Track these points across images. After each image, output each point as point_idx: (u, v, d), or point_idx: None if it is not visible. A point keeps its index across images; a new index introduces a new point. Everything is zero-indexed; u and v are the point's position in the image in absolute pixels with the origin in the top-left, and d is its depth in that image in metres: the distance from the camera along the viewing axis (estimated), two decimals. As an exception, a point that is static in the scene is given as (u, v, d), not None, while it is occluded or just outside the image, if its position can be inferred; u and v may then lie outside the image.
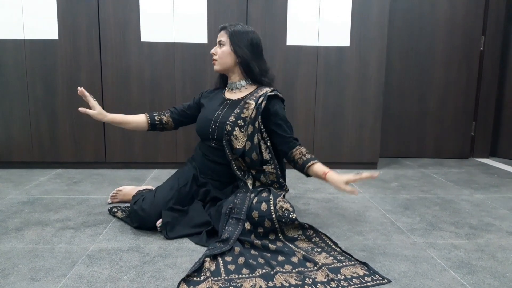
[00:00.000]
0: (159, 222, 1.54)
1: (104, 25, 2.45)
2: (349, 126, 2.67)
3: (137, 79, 2.52)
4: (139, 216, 1.55)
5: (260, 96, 1.63)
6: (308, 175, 1.62)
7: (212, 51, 1.70)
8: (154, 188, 1.85)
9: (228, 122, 1.61)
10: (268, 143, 1.63)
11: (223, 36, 1.68)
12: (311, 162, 1.58)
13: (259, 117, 1.59)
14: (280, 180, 1.66)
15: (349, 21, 2.55)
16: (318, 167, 1.56)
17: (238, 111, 1.64)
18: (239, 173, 1.65)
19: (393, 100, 3.09)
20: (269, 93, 1.63)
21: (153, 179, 2.38)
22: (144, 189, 1.85)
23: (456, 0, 2.99)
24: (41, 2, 2.41)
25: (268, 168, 1.63)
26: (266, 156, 1.62)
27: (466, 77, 3.09)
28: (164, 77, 2.53)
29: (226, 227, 1.46)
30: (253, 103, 1.62)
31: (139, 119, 1.79)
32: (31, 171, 2.52)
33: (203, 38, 2.50)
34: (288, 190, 1.69)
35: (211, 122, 1.66)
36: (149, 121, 1.79)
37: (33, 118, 2.52)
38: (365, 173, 1.42)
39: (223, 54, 1.67)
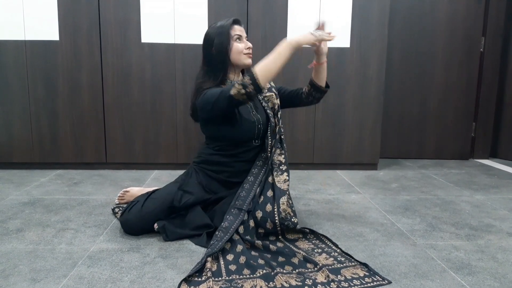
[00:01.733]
0: (156, 225, 1.54)
1: (105, 26, 2.46)
2: (350, 127, 2.67)
3: (137, 80, 2.53)
4: (124, 228, 1.56)
5: (271, 87, 1.76)
6: (313, 84, 1.76)
7: (250, 44, 1.64)
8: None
9: (271, 116, 1.65)
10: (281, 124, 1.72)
11: (244, 32, 1.64)
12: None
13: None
14: (287, 162, 1.69)
15: (350, 22, 2.55)
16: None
17: (265, 104, 1.69)
18: (260, 163, 1.66)
19: (394, 101, 3.10)
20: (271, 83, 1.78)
21: (154, 180, 2.38)
22: (152, 191, 1.83)
23: (456, 1, 3.00)
24: (42, 3, 2.41)
25: (285, 146, 1.70)
26: (283, 136, 1.72)
27: (466, 78, 3.09)
28: (165, 78, 2.53)
29: (227, 216, 1.47)
30: (273, 94, 1.72)
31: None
32: (32, 172, 2.52)
33: (203, 39, 2.50)
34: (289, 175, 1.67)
35: (255, 123, 1.62)
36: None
37: (33, 119, 2.53)
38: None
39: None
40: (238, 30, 1.61)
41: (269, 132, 1.64)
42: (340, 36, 2.57)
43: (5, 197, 2.00)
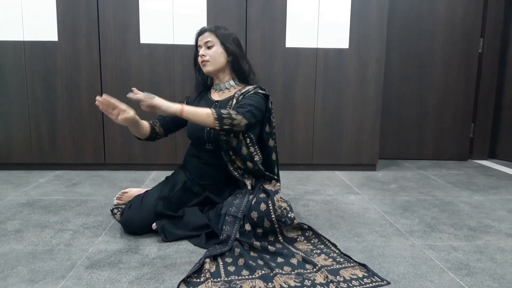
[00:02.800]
0: (154, 225, 1.54)
1: (103, 26, 2.46)
2: (348, 127, 2.67)
3: (136, 81, 2.52)
4: (126, 226, 1.56)
5: (242, 93, 1.65)
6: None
7: (201, 52, 1.67)
8: None
9: None
10: (252, 136, 1.62)
11: (209, 37, 1.66)
12: None
13: None
14: (270, 174, 1.70)
15: (348, 23, 2.56)
16: None
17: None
18: (236, 173, 1.65)
19: (392, 101, 3.10)
20: (251, 90, 1.65)
21: (153, 180, 2.38)
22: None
23: (455, 2, 3.00)
24: (41, 4, 2.41)
25: (256, 160, 1.64)
26: (252, 149, 1.63)
27: (465, 79, 3.09)
28: (164, 79, 2.53)
29: (224, 227, 1.46)
30: (235, 100, 1.65)
31: (147, 126, 1.69)
32: (31, 172, 2.52)
33: (202, 40, 2.50)
34: (279, 180, 1.71)
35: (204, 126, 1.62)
36: (150, 130, 1.71)
37: (32, 119, 2.52)
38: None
39: (215, 54, 1.66)
40: (199, 41, 1.70)
41: (221, 141, 1.61)
42: (339, 37, 2.57)
43: (3, 198, 2.00)
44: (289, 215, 1.47)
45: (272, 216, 1.46)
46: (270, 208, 1.47)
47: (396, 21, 3.00)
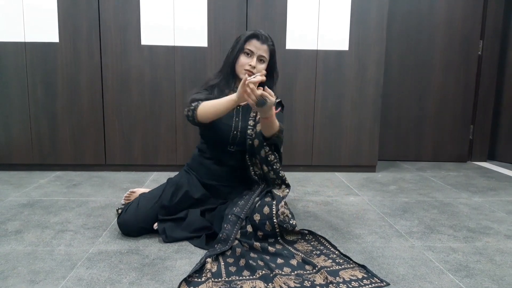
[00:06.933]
0: (156, 225, 1.55)
1: (104, 28, 2.47)
2: (348, 129, 2.68)
3: (137, 83, 2.53)
4: (121, 228, 1.56)
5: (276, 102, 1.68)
6: (264, 136, 1.58)
7: (253, 63, 1.60)
8: None
9: (249, 127, 1.62)
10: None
11: (266, 53, 1.62)
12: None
13: None
14: (285, 179, 1.67)
15: (348, 25, 2.57)
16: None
17: (254, 114, 1.65)
18: (256, 177, 1.67)
19: (392, 103, 3.11)
20: (277, 100, 1.66)
21: (153, 181, 2.38)
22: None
23: (454, 4, 3.01)
24: (42, 5, 2.42)
25: (276, 168, 1.63)
26: (271, 157, 1.62)
27: (464, 81, 3.10)
28: (164, 81, 2.54)
29: (225, 225, 1.47)
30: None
31: None
32: (31, 173, 2.52)
33: (203, 42, 2.51)
34: (289, 185, 1.67)
35: (232, 128, 1.63)
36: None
37: (33, 120, 2.53)
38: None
39: (261, 70, 1.60)
40: (252, 45, 1.61)
41: (247, 145, 1.62)
42: (339, 39, 2.58)
43: (4, 199, 2.00)
44: (291, 222, 1.49)
45: (274, 220, 1.47)
46: (273, 212, 1.48)
47: (395, 23, 3.01)
